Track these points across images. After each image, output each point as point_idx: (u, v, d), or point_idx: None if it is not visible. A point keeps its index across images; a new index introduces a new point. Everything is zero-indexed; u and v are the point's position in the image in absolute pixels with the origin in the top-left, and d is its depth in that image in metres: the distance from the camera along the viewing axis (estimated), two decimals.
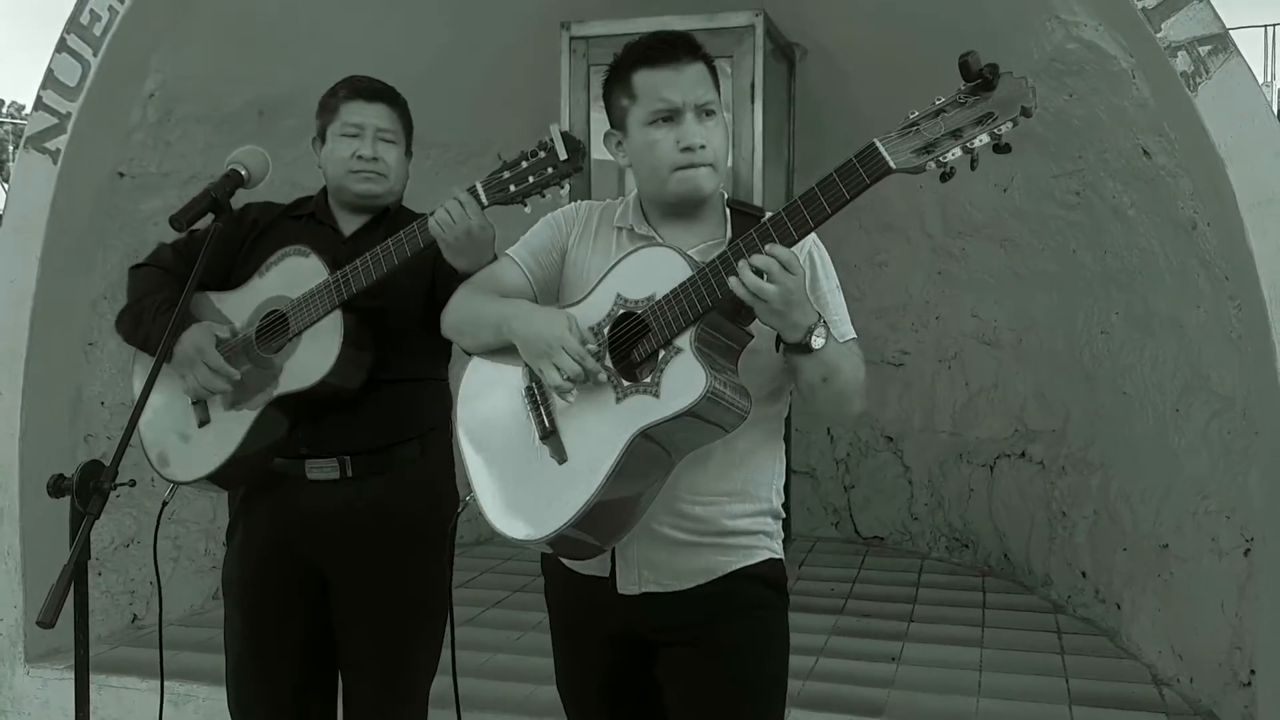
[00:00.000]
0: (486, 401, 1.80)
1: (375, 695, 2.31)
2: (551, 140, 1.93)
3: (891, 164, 1.47)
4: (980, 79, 1.43)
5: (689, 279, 1.59)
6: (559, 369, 1.61)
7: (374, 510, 2.23)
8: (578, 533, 1.62)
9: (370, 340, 2.19)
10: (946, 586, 4.29)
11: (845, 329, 1.73)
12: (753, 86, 3.86)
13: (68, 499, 1.70)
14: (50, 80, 3.37)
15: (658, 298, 1.61)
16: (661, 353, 1.59)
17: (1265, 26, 14.55)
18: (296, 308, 2.16)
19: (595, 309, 1.68)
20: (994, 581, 4.34)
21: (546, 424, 1.68)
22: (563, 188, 1.97)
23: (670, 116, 1.71)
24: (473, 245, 1.98)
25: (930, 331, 4.72)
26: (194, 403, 2.25)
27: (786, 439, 1.91)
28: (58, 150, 3.37)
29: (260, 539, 2.30)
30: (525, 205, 1.99)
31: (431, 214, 2.00)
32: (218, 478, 2.23)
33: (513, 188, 1.97)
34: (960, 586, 4.29)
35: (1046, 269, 4.05)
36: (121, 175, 3.63)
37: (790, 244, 1.54)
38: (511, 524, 1.68)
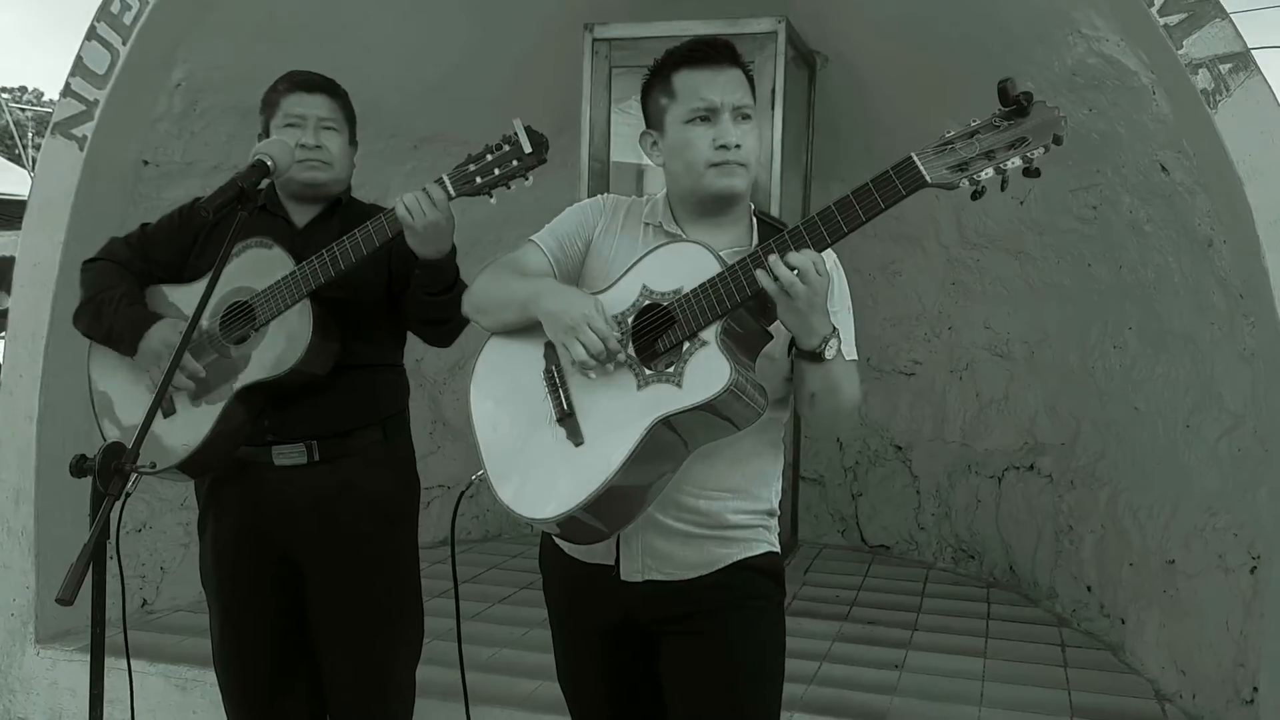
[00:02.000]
0: (502, 381, 1.81)
1: (353, 679, 2.34)
2: (515, 134, 2.00)
3: (928, 178, 1.52)
4: (1015, 105, 1.49)
5: (719, 274, 1.62)
6: (584, 345, 1.63)
7: (342, 493, 2.28)
8: (588, 516, 1.64)
9: (336, 328, 2.24)
10: (951, 597, 4.29)
11: (848, 349, 1.76)
12: (773, 93, 3.87)
13: (84, 481, 1.73)
14: (79, 67, 3.41)
15: (685, 291, 1.64)
16: (686, 344, 1.63)
17: None
18: (263, 298, 2.20)
19: (620, 298, 1.71)
20: (999, 593, 4.34)
21: (565, 406, 1.70)
22: (527, 179, 2.03)
23: (708, 116, 1.75)
24: (438, 234, 2.07)
25: (942, 342, 4.73)
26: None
27: (795, 445, 1.94)
28: (84, 137, 3.41)
29: (231, 529, 2.33)
30: (490, 197, 2.05)
31: (392, 208, 2.08)
32: (187, 467, 2.25)
33: (478, 180, 2.04)
34: (965, 597, 4.29)
35: (1061, 282, 4.06)
36: (146, 163, 3.66)
37: (822, 248, 1.58)
38: (523, 503, 1.71)
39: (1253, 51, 2.71)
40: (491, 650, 3.45)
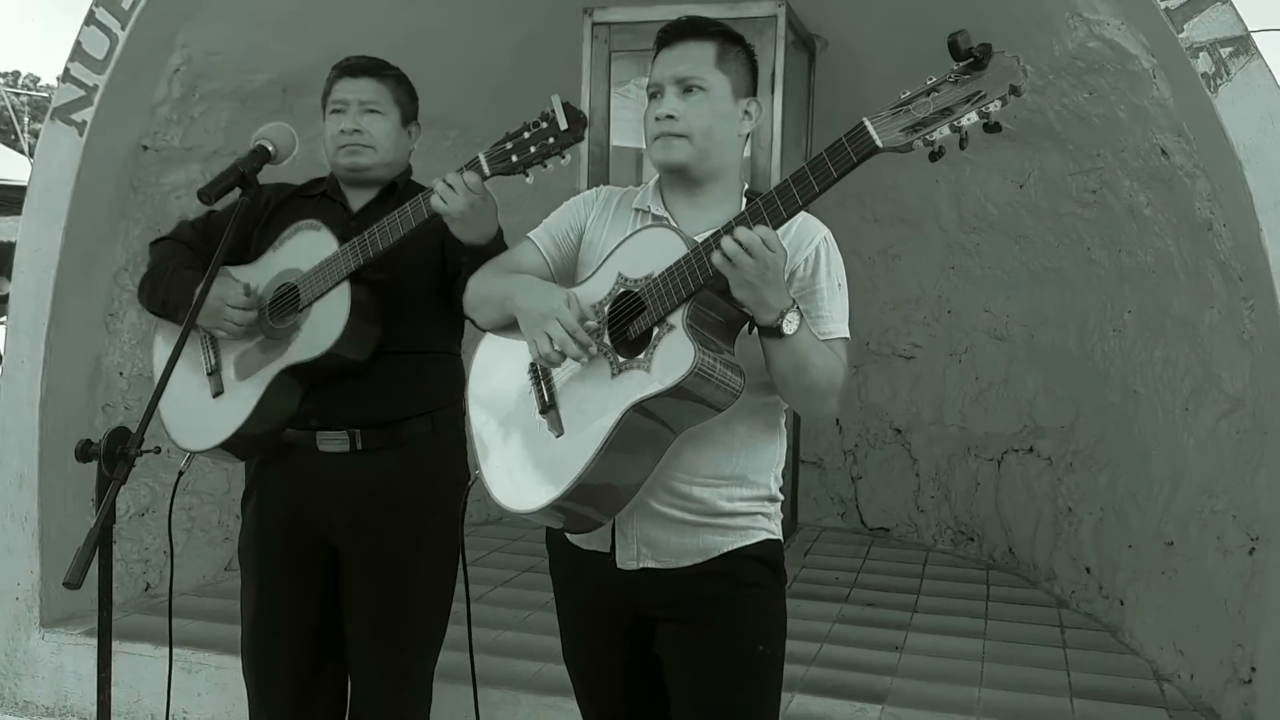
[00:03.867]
0: (495, 377, 1.85)
1: (378, 666, 2.34)
2: (553, 111, 1.96)
3: (879, 143, 1.49)
4: (971, 58, 1.44)
5: (683, 257, 1.62)
6: (551, 339, 1.66)
7: (383, 485, 2.26)
8: (575, 505, 1.66)
9: (379, 312, 2.21)
10: (951, 579, 4.31)
11: (834, 327, 1.75)
12: (773, 77, 3.87)
13: (87, 467, 1.74)
14: (78, 53, 3.40)
15: (654, 276, 1.65)
16: (656, 330, 1.64)
17: None
18: (307, 280, 2.20)
19: (598, 288, 1.73)
20: (998, 575, 4.36)
21: (546, 398, 1.74)
22: (564, 157, 2.00)
23: (655, 92, 1.79)
24: (476, 217, 2.02)
25: (942, 325, 4.74)
26: (209, 374, 2.29)
27: (795, 429, 1.94)
28: (84, 122, 3.40)
29: (272, 509, 2.34)
30: (527, 176, 2.02)
31: (431, 188, 2.04)
32: (231, 447, 2.26)
33: (515, 158, 2.00)
34: (964, 579, 4.31)
35: (1060, 266, 4.06)
36: (145, 148, 3.66)
37: (780, 222, 1.58)
38: (509, 494, 1.74)
39: (1253, 35, 2.71)
40: (495, 633, 3.47)
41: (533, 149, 1.98)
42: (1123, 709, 3.05)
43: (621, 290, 1.69)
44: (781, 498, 1.88)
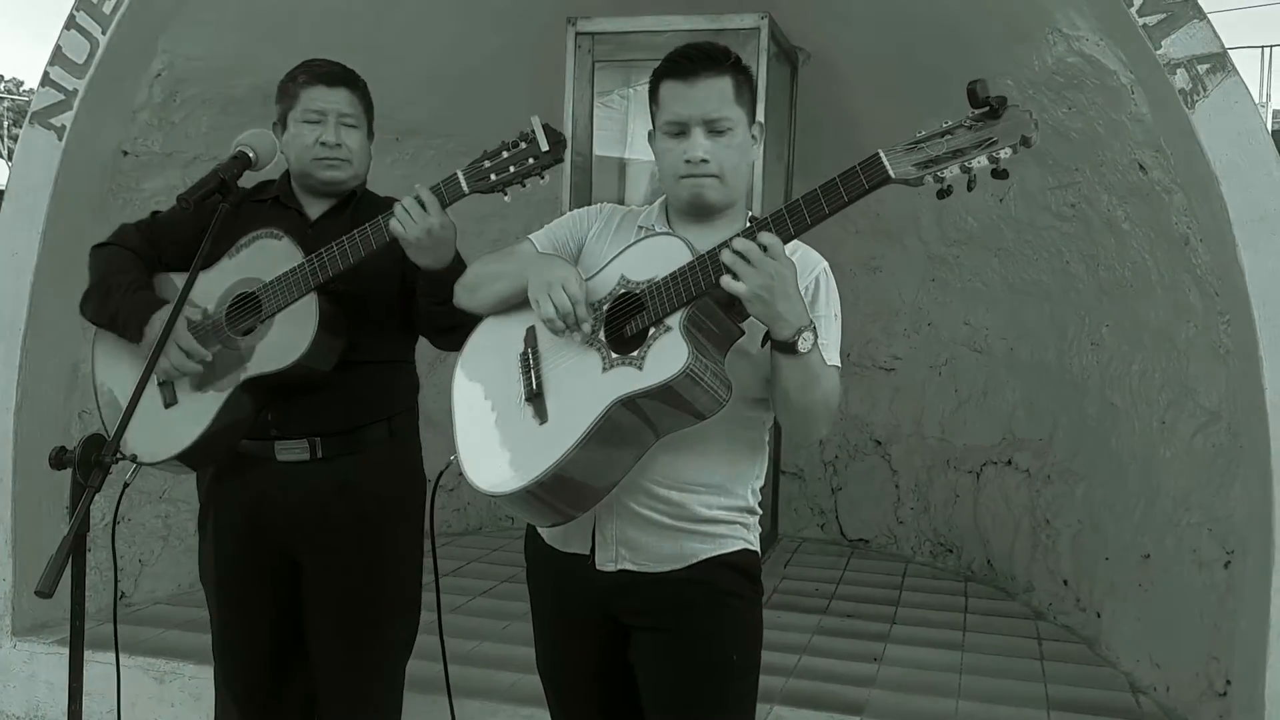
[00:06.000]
0: (483, 362, 1.87)
1: (344, 677, 2.33)
2: (533, 131, 1.99)
3: (891, 174, 1.55)
4: (987, 106, 1.51)
5: (688, 263, 1.66)
6: (554, 303, 1.68)
7: (343, 491, 2.25)
8: (547, 494, 1.68)
9: (344, 324, 2.21)
10: (929, 590, 4.32)
11: (829, 355, 1.77)
12: (756, 89, 3.88)
13: (62, 475, 1.72)
14: (58, 57, 3.39)
15: (657, 280, 1.68)
16: (652, 330, 1.67)
17: (1262, 47, 14.68)
18: (270, 290, 2.17)
19: (599, 288, 1.76)
20: (976, 587, 4.37)
21: (533, 386, 1.75)
22: (543, 178, 2.02)
23: (680, 130, 1.78)
24: (434, 243, 2.04)
25: (922, 337, 4.76)
26: (160, 384, 2.25)
27: (776, 440, 1.95)
28: (63, 126, 3.38)
29: (231, 524, 2.31)
30: (505, 194, 2.03)
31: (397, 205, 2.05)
32: (187, 458, 2.23)
33: (493, 176, 2.02)
34: (943, 591, 4.32)
35: (1039, 279, 4.09)
36: (125, 154, 3.64)
37: (788, 238, 1.61)
38: (484, 476, 1.75)
39: (1229, 51, 2.74)
40: (473, 643, 3.45)
41: (512, 169, 2.01)
42: None
43: (623, 291, 1.72)
44: (760, 512, 1.89)
